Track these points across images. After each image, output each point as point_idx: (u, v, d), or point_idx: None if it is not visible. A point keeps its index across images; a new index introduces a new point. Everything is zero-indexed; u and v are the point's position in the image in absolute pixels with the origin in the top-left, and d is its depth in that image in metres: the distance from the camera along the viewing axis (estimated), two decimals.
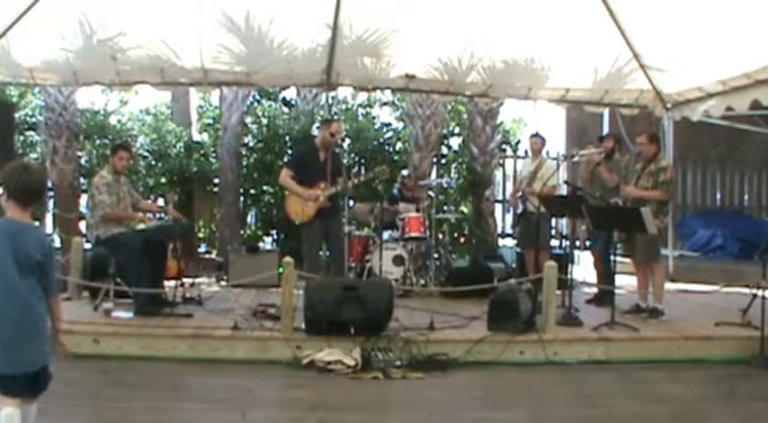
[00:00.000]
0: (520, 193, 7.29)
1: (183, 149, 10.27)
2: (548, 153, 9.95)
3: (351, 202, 7.48)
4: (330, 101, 8.95)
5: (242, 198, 10.26)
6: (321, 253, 6.72)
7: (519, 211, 7.31)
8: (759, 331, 5.05)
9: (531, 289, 5.68)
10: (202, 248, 10.42)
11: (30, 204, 2.68)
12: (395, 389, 4.44)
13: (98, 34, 6.68)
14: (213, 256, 9.87)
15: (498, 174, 11.06)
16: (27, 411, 2.68)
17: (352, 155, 10.10)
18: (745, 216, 11.95)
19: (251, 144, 10.36)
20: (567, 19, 6.63)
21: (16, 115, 8.51)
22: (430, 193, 8.29)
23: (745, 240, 10.17)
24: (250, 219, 10.64)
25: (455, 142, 11.03)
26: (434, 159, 10.00)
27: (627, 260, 6.38)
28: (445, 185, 9.60)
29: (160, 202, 10.01)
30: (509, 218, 11.04)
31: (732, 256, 10.25)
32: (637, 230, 5.57)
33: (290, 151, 10.03)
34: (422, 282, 7.54)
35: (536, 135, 7.46)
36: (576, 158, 7.07)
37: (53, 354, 2.77)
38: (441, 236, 8.07)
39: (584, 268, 7.70)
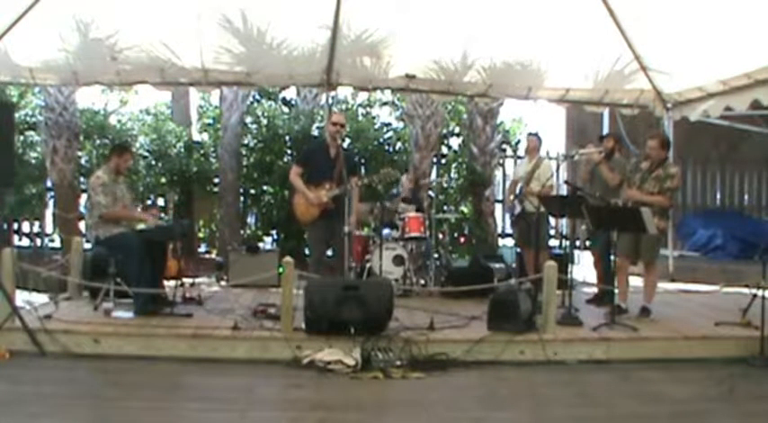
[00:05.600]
0: (517, 193, 7.27)
1: (183, 149, 10.28)
2: (547, 153, 9.97)
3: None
4: (330, 101, 8.95)
5: (242, 198, 10.27)
6: (326, 254, 6.69)
7: (516, 211, 7.29)
8: (759, 331, 5.04)
9: (531, 289, 5.68)
10: (202, 248, 10.43)
11: None
12: (395, 389, 4.44)
13: (98, 34, 6.69)
14: (213, 256, 9.87)
15: (498, 174, 11.06)
16: None
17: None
18: (745, 216, 11.95)
19: (251, 144, 10.36)
20: (567, 19, 6.64)
21: (16, 115, 8.51)
22: (430, 192, 8.28)
23: (745, 240, 10.16)
24: (250, 219, 10.65)
25: (455, 142, 11.05)
26: (434, 159, 10.00)
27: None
28: (445, 186, 9.61)
29: (160, 202, 10.05)
30: (509, 218, 11.06)
31: (732, 256, 10.25)
32: (637, 230, 5.57)
33: (289, 150, 10.05)
34: (422, 282, 7.54)
35: (533, 134, 7.46)
36: (576, 158, 7.07)
37: None
38: (441, 236, 8.07)
39: (584, 268, 7.71)
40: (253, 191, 10.24)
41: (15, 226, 10.43)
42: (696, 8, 5.89)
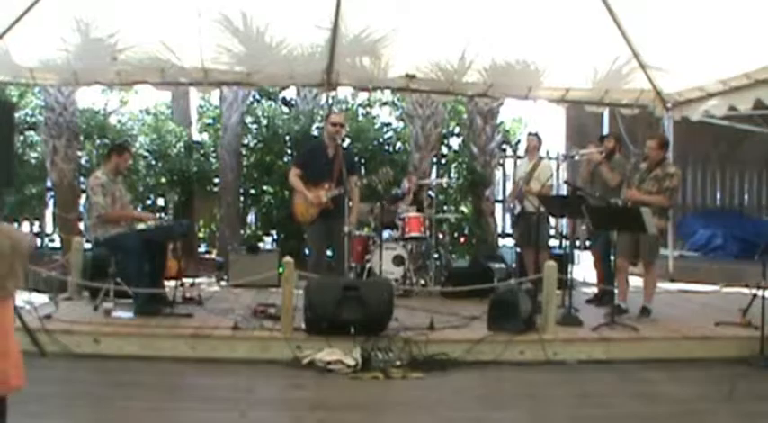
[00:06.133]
0: (518, 193, 7.28)
1: (183, 149, 10.28)
2: (547, 153, 9.97)
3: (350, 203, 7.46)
4: (330, 101, 8.96)
5: (242, 198, 10.27)
6: (325, 254, 6.68)
7: (516, 211, 7.29)
8: (759, 331, 5.04)
9: (531, 289, 5.68)
10: (202, 248, 10.43)
11: None
12: (395, 389, 4.44)
13: (98, 34, 6.68)
14: (213, 256, 9.87)
15: (498, 174, 11.06)
16: None
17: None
18: (745, 216, 11.95)
19: (251, 144, 10.36)
20: (567, 19, 6.64)
21: (16, 115, 8.50)
22: (430, 193, 8.29)
23: (745, 240, 10.17)
24: (250, 219, 10.65)
25: (455, 142, 11.05)
26: (434, 159, 10.00)
27: None
28: (445, 186, 9.60)
29: (160, 202, 10.05)
30: (509, 218, 11.06)
31: (732, 256, 10.25)
32: (637, 230, 5.57)
33: (289, 150, 10.04)
34: (422, 282, 7.54)
35: (533, 134, 7.46)
36: (576, 158, 7.07)
37: None
38: (441, 236, 8.07)
39: (584, 268, 7.70)
40: (253, 191, 10.24)
41: (15, 226, 10.43)
42: (696, 8, 5.89)
